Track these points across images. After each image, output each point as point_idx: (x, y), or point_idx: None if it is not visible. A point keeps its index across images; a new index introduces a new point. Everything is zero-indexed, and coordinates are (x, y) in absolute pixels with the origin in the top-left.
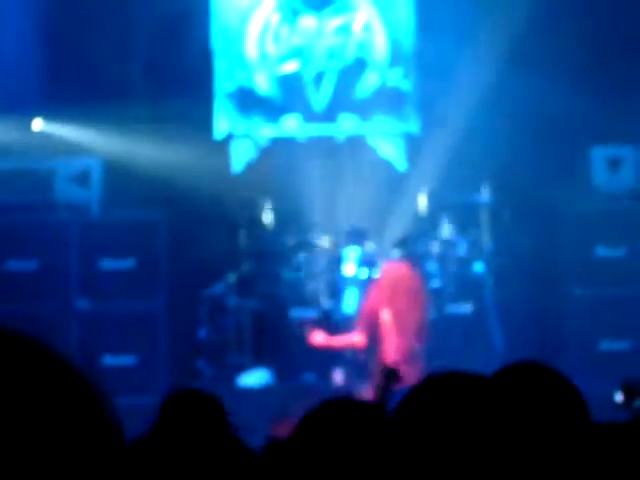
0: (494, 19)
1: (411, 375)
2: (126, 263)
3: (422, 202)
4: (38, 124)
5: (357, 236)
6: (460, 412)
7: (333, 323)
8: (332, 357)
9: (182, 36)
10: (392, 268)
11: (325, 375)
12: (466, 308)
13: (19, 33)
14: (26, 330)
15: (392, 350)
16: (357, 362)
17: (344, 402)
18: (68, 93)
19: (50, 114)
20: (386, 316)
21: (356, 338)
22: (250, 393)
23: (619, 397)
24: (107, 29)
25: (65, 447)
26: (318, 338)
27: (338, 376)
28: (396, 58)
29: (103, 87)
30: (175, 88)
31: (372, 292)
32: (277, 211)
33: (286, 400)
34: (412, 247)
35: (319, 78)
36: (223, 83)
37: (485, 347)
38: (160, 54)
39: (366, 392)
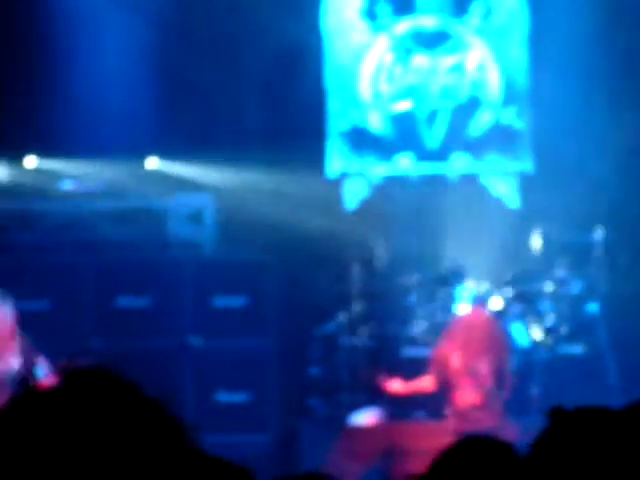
0: (607, 56)
1: (488, 420)
2: (238, 301)
3: (536, 241)
4: (152, 163)
5: (472, 276)
6: (594, 451)
7: None
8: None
9: (296, 74)
10: (469, 313)
11: (436, 412)
12: (579, 348)
13: (133, 71)
14: (138, 367)
15: (464, 396)
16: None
17: (481, 441)
18: (182, 132)
19: (164, 153)
20: (456, 361)
21: (425, 383)
22: (359, 431)
23: None
24: (221, 68)
25: None
26: (395, 386)
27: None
28: (510, 96)
29: (217, 125)
30: (289, 126)
31: (445, 337)
32: (390, 249)
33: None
34: (525, 286)
35: (432, 117)
36: (336, 122)
37: (599, 387)
38: (274, 92)
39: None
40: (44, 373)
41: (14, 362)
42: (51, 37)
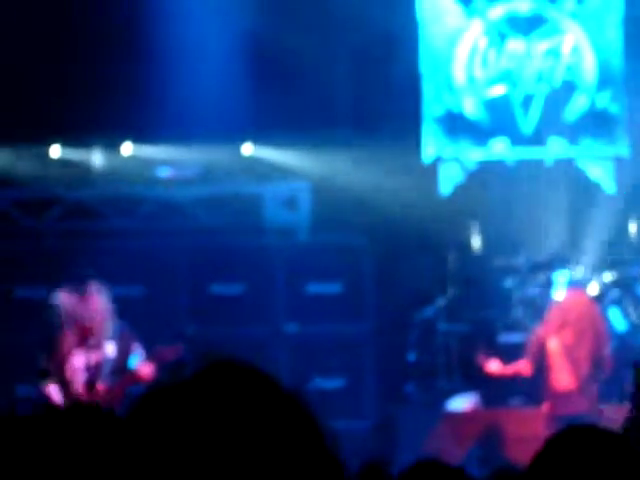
0: None
1: (583, 404)
2: (333, 287)
3: (633, 226)
4: (248, 149)
5: (562, 261)
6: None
7: None
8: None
9: (390, 59)
10: (566, 297)
11: (533, 399)
12: None
13: (228, 58)
14: (234, 354)
15: (561, 379)
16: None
17: (589, 430)
18: (277, 118)
19: (259, 139)
20: (553, 345)
21: (522, 366)
22: (458, 417)
23: None
24: (316, 53)
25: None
26: (493, 366)
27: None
28: (605, 80)
29: (311, 111)
30: (383, 111)
31: (544, 321)
32: (485, 234)
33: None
34: (622, 271)
35: (527, 101)
36: (431, 107)
37: None
38: (368, 77)
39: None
40: (139, 360)
41: (111, 349)
42: (146, 24)
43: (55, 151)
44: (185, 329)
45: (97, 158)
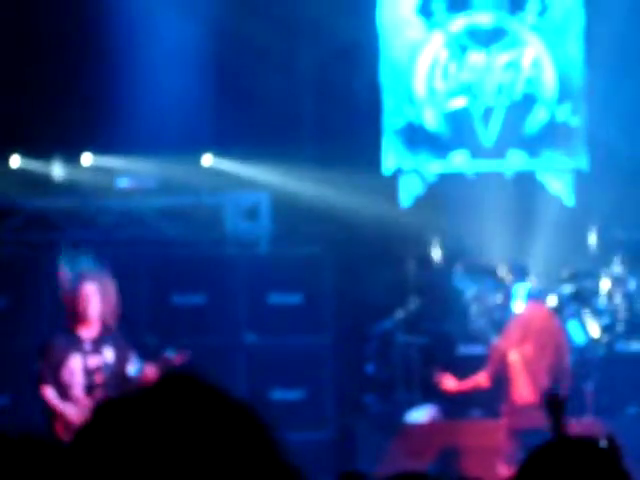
0: None
1: (542, 418)
2: (293, 298)
3: (592, 238)
4: (208, 160)
5: (521, 272)
6: None
7: None
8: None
9: (351, 72)
10: (527, 309)
11: (492, 411)
12: (636, 346)
13: (189, 70)
14: (194, 363)
15: (521, 393)
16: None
17: (574, 442)
18: (237, 129)
19: (220, 150)
20: (514, 358)
21: (481, 379)
22: (415, 430)
23: None
24: (277, 65)
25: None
26: (450, 384)
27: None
28: (565, 93)
29: (272, 122)
30: (344, 123)
31: (503, 333)
32: (445, 247)
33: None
34: (581, 283)
35: (488, 114)
36: (392, 119)
37: None
38: (329, 89)
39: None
40: (137, 370)
41: (109, 355)
42: (108, 37)
43: (15, 161)
44: (146, 340)
45: (57, 168)
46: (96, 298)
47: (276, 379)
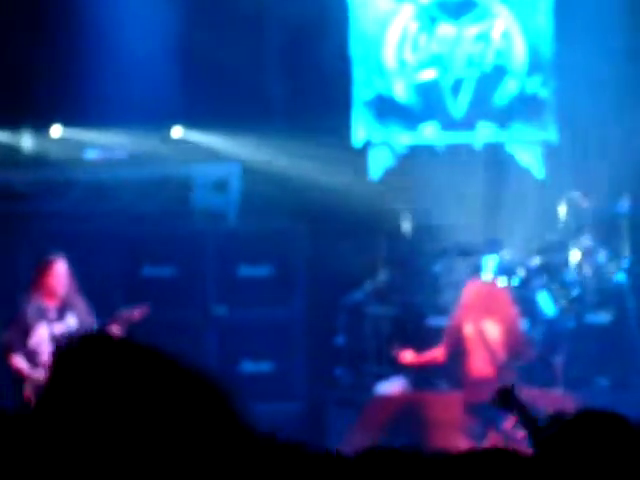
0: (631, 24)
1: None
2: (263, 270)
3: (561, 211)
4: (177, 132)
5: (494, 245)
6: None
7: None
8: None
9: (320, 43)
10: (475, 285)
11: (459, 383)
12: (605, 317)
13: (155, 43)
14: (163, 336)
15: (478, 364)
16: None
17: (606, 415)
18: (205, 101)
19: (189, 122)
20: (469, 330)
21: (437, 353)
22: (384, 400)
23: None
24: (242, 36)
25: (197, 445)
26: (407, 357)
27: None
28: (535, 65)
29: (240, 94)
30: (314, 95)
31: (457, 309)
32: (415, 219)
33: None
34: (551, 256)
35: (457, 86)
36: (362, 91)
37: (625, 356)
38: (298, 61)
39: None
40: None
41: (72, 321)
42: (77, 9)
43: None
44: (117, 312)
45: (26, 140)
46: (65, 275)
47: (246, 351)
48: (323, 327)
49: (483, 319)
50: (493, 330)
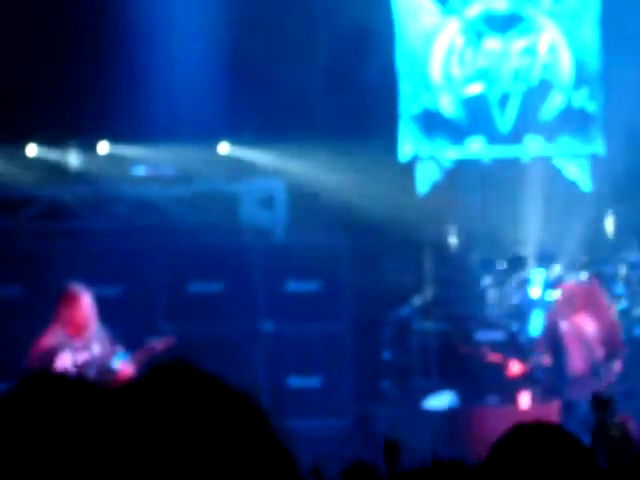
0: None
1: (594, 388)
2: (311, 285)
3: (609, 224)
4: (224, 148)
5: (545, 259)
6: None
7: (519, 345)
8: (517, 379)
9: (366, 58)
10: (569, 285)
11: (510, 397)
12: None
13: (205, 58)
14: (211, 352)
15: (576, 361)
16: (541, 382)
17: (536, 427)
18: (253, 117)
19: (236, 138)
20: (566, 327)
21: (544, 360)
22: (435, 416)
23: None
24: (289, 52)
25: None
26: (515, 368)
27: (524, 398)
28: (581, 79)
29: (287, 110)
30: (360, 110)
31: (551, 310)
32: (462, 233)
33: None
34: (599, 269)
35: (504, 100)
36: (408, 105)
37: None
38: (344, 76)
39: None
40: (122, 362)
41: (96, 349)
42: (125, 24)
43: (31, 150)
44: (163, 328)
45: (73, 157)
46: (91, 310)
47: (294, 367)
48: (370, 342)
49: (579, 316)
50: (590, 327)
